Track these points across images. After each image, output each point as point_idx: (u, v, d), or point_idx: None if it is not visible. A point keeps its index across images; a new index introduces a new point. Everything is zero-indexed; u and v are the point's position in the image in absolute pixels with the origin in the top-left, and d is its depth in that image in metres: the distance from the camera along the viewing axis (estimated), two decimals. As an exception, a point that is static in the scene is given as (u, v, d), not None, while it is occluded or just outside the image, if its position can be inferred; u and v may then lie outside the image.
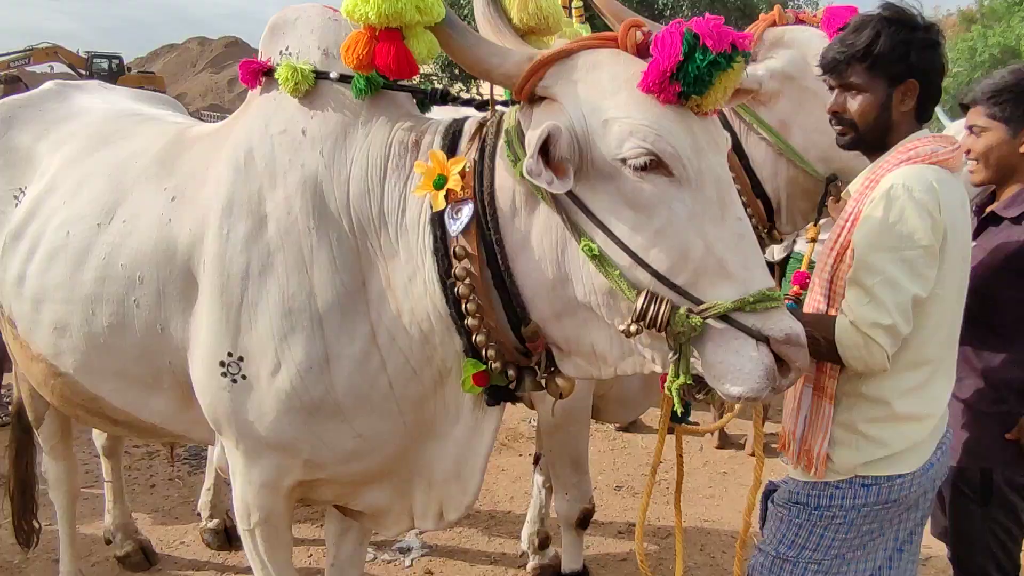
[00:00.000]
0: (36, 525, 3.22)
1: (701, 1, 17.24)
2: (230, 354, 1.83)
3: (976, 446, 2.17)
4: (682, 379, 1.41)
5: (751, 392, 1.35)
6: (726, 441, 4.96)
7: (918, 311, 1.73)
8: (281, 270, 1.78)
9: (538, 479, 3.45)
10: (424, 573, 3.41)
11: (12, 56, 32.14)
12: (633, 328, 1.39)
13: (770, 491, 2.05)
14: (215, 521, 3.64)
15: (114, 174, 2.15)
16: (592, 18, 2.74)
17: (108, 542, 3.51)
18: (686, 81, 1.37)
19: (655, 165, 1.39)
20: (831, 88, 1.93)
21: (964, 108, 2.33)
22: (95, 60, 34.57)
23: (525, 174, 1.39)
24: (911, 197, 1.69)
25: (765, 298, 1.37)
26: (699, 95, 1.40)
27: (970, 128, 2.23)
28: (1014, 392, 2.15)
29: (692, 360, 1.41)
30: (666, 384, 1.46)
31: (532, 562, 3.36)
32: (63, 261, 2.11)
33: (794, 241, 4.57)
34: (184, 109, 3.04)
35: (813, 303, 1.90)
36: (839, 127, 1.92)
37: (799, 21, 2.56)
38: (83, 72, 33.37)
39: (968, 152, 2.17)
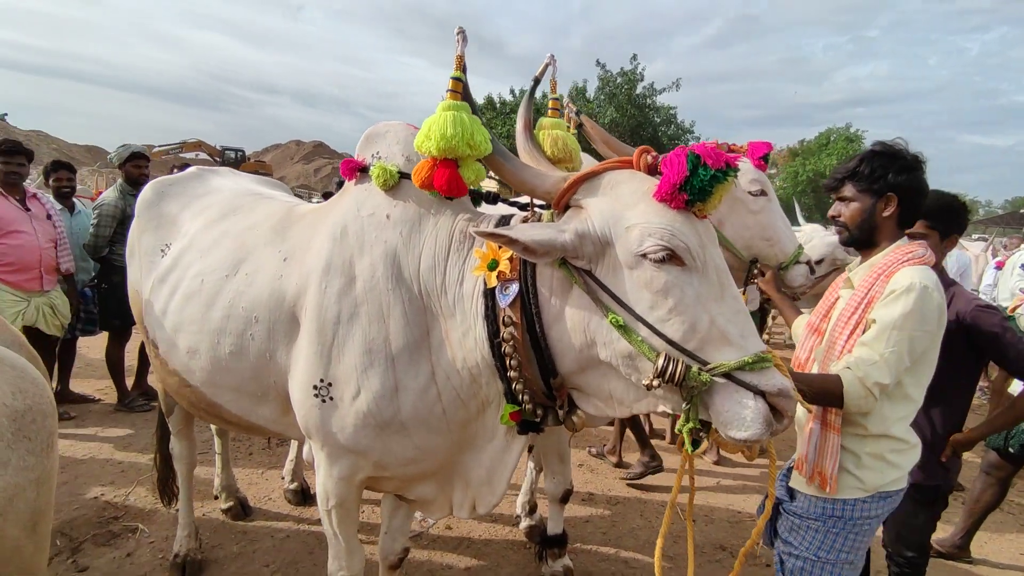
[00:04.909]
0: (175, 489, 2.81)
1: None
2: (322, 380, 1.58)
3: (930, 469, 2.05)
4: (692, 423, 1.20)
5: (753, 436, 1.14)
6: (652, 433, 4.68)
7: (920, 369, 1.59)
8: (365, 319, 1.54)
9: (530, 463, 3.17)
10: (445, 528, 3.11)
11: (170, 146, 31.71)
12: (656, 383, 1.17)
13: (777, 502, 1.77)
14: (295, 484, 3.31)
15: (239, 238, 1.90)
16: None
17: (216, 498, 3.17)
18: (692, 191, 1.18)
19: (670, 258, 1.19)
20: (832, 201, 1.75)
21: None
22: (226, 151, 34.13)
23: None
24: (927, 293, 1.52)
25: (760, 359, 1.16)
26: (702, 202, 1.21)
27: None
28: (932, 430, 2.06)
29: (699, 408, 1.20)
30: (678, 426, 1.23)
31: (524, 523, 3.07)
32: (197, 302, 1.85)
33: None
34: (289, 190, 2.79)
35: (832, 359, 1.64)
36: (837, 228, 1.74)
37: (730, 151, 2.39)
38: (218, 160, 32.92)
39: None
